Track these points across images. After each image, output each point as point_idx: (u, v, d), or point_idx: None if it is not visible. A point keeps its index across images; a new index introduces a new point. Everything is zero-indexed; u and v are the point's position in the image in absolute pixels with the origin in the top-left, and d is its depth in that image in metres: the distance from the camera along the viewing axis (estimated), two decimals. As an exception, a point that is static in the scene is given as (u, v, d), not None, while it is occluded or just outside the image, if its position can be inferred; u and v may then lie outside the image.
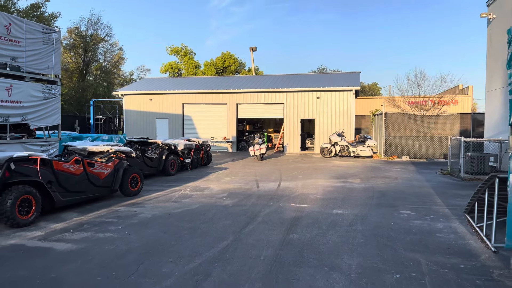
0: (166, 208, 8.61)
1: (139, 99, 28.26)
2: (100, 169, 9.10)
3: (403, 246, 5.86)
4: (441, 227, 7.03)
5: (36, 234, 6.63)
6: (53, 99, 10.10)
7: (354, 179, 13.13)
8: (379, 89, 67.86)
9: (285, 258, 5.35)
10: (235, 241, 6.15)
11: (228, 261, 5.24)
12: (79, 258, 5.40)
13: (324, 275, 4.74)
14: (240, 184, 11.98)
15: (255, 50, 39.35)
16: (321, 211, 8.24)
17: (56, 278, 4.71)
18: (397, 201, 9.43)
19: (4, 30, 8.67)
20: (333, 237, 6.33)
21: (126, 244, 6.03)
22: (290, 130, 25.40)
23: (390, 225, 7.11)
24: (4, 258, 5.45)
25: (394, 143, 21.56)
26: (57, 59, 10.22)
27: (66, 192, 8.14)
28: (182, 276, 4.72)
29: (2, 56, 8.67)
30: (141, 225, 7.18)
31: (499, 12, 15.25)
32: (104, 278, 4.69)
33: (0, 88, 8.64)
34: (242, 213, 8.11)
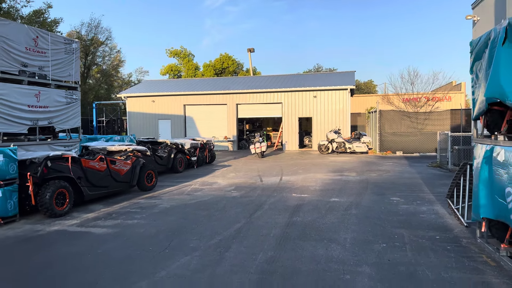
0: (181, 200, 9.62)
1: (142, 101, 29.19)
2: (121, 166, 10.09)
3: (390, 224, 6.90)
4: (424, 209, 8.07)
5: (73, 222, 7.63)
6: (74, 104, 11.09)
7: (350, 172, 14.15)
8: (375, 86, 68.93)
9: (291, 234, 6.37)
10: (247, 223, 7.17)
11: (243, 237, 6.26)
12: (116, 239, 6.41)
13: (324, 245, 5.77)
14: (244, 179, 12.98)
15: (252, 51, 40.34)
16: (320, 199, 9.26)
17: (103, 252, 5.72)
18: (388, 190, 10.47)
19: (32, 42, 9.65)
20: (331, 219, 7.36)
21: (153, 228, 7.04)
22: (288, 128, 26.42)
23: (380, 209, 8.15)
24: (55, 240, 6.45)
25: (388, 139, 22.62)
26: (76, 67, 11.21)
27: (92, 187, 9.14)
28: (207, 249, 5.74)
29: (32, 66, 9.65)
30: (162, 214, 8.18)
31: (482, 15, 16.31)
32: (143, 252, 5.70)
33: (30, 95, 9.62)
34: (250, 202, 9.13)
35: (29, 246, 6.15)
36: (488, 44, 4.95)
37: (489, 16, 15.53)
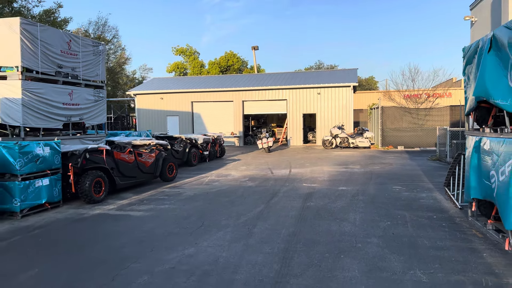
0: (202, 189, 10.56)
1: (151, 98, 30.10)
2: (146, 158, 11.04)
3: (394, 207, 7.84)
4: (424, 196, 9.02)
5: (110, 207, 8.58)
6: (101, 101, 12.02)
7: (354, 165, 15.09)
8: (376, 82, 69.63)
9: (307, 215, 7.31)
10: (267, 207, 8.11)
11: (265, 218, 7.20)
12: (154, 220, 7.35)
13: (337, 223, 6.71)
14: (256, 171, 13.92)
15: (257, 49, 41.19)
16: (329, 188, 10.20)
17: (147, 230, 6.66)
18: (391, 180, 11.40)
19: (66, 46, 10.57)
20: (340, 203, 8.30)
21: (184, 211, 7.98)
22: (293, 124, 27.33)
23: (384, 196, 9.09)
24: (101, 220, 7.41)
25: (389, 134, 23.54)
26: (103, 68, 12.12)
27: (123, 177, 10.09)
28: (236, 226, 6.68)
29: (66, 67, 10.57)
30: (188, 200, 9.13)
31: (479, 16, 17.18)
32: (181, 229, 6.64)
33: (64, 93, 10.55)
34: (265, 191, 10.07)
35: (82, 225, 7.10)
36: (477, 51, 5.86)
37: (486, 17, 16.39)
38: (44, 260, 5.28)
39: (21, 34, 9.23)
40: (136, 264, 4.98)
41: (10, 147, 7.66)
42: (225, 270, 4.72)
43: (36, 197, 8.03)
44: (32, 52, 9.51)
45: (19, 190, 7.65)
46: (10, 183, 7.64)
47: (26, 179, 7.84)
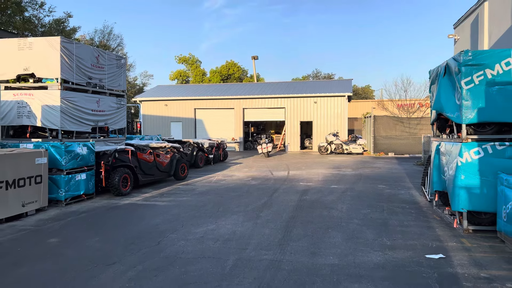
0: (212, 186, 12.12)
1: (155, 105, 31.69)
2: (163, 159, 12.60)
3: (375, 200, 9.44)
4: (402, 192, 10.62)
5: (137, 198, 10.12)
6: (122, 108, 13.58)
7: (346, 169, 16.69)
8: (372, 91, 71.49)
9: (303, 205, 8.89)
10: (269, 199, 9.68)
11: (269, 206, 8.77)
12: (177, 207, 8.90)
13: (327, 210, 8.29)
14: (257, 173, 15.49)
15: (256, 59, 42.96)
16: (323, 186, 11.79)
17: (174, 214, 8.21)
18: (377, 181, 13.00)
19: (95, 60, 12.15)
20: (331, 197, 9.89)
21: (200, 202, 9.54)
22: (291, 131, 28.96)
23: (369, 192, 10.68)
24: (132, 208, 8.95)
25: (381, 142, 25.20)
26: (124, 79, 13.70)
27: (144, 174, 11.64)
28: (246, 212, 8.24)
29: (94, 79, 12.14)
30: (202, 194, 10.69)
31: (461, 35, 18.94)
32: (202, 213, 8.19)
33: (93, 101, 12.12)
34: (267, 188, 11.64)
35: (118, 211, 8.65)
36: (437, 74, 7.49)
37: (467, 36, 18.17)
38: (99, 232, 6.83)
39: (61, 50, 10.81)
40: (173, 235, 6.54)
41: (58, 146, 9.23)
42: (241, 238, 6.28)
43: (76, 189, 9.58)
44: (68, 66, 11.08)
45: (64, 183, 9.21)
46: (56, 177, 9.19)
47: (69, 174, 9.39)
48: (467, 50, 6.30)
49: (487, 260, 5.14)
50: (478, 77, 6.21)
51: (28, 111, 10.98)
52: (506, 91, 6.09)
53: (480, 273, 4.66)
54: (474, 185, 6.27)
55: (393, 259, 5.20)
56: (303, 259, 5.23)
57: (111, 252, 5.65)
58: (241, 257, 5.35)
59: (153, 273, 4.80)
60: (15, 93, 11.04)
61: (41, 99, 10.91)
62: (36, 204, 8.43)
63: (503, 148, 6.14)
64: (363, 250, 5.61)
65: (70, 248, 5.96)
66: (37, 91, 10.96)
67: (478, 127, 6.57)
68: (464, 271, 4.74)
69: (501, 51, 6.18)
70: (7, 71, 11.19)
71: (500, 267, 4.86)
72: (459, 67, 6.36)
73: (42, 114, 10.87)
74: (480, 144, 6.28)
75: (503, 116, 6.15)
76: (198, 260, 5.23)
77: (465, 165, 6.32)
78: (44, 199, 8.66)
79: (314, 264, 5.02)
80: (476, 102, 6.25)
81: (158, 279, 4.59)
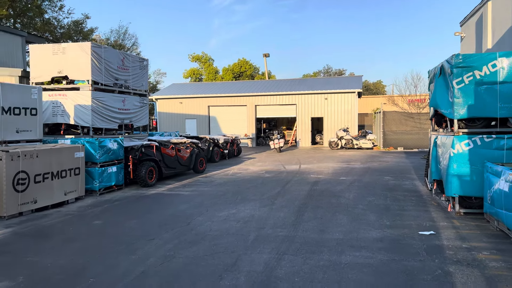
0: (229, 178, 13.08)
1: (171, 102, 32.77)
2: (183, 153, 13.60)
3: (380, 189, 10.29)
4: (406, 183, 11.45)
5: (162, 189, 11.13)
6: (144, 107, 14.62)
7: (355, 162, 17.51)
8: (384, 87, 71.67)
9: (313, 194, 9.79)
10: (282, 189, 10.60)
11: (282, 195, 9.70)
12: (200, 196, 9.87)
13: (335, 198, 9.18)
14: (271, 167, 16.41)
15: (268, 56, 43.80)
16: (332, 178, 12.66)
17: (198, 201, 9.18)
18: (384, 173, 13.82)
19: (121, 62, 13.19)
20: (339, 188, 10.77)
21: (220, 191, 10.50)
22: (302, 127, 29.78)
23: (375, 183, 11.53)
24: (159, 197, 9.96)
25: (390, 137, 25.90)
26: (146, 79, 14.73)
27: (167, 167, 12.66)
28: (262, 199, 9.18)
29: (120, 80, 13.18)
30: (220, 185, 11.65)
31: (467, 32, 19.53)
32: (223, 201, 9.15)
33: (119, 101, 13.16)
34: (280, 179, 12.56)
35: (148, 199, 9.67)
36: (435, 74, 8.30)
37: (472, 34, 18.77)
38: (135, 216, 7.84)
39: (91, 54, 11.85)
40: (199, 217, 7.51)
41: (92, 142, 10.27)
42: (260, 219, 7.22)
43: (108, 180, 10.63)
44: (98, 69, 12.12)
45: (98, 174, 10.26)
46: (91, 169, 10.24)
47: (102, 166, 10.44)
48: (458, 54, 7.11)
49: (471, 235, 5.99)
50: (468, 77, 7.02)
51: (62, 110, 12.07)
52: (492, 90, 6.89)
53: (463, 245, 5.52)
54: (464, 173, 7.10)
55: (390, 235, 6.08)
56: (313, 235, 6.14)
57: (149, 231, 6.64)
58: (260, 234, 6.29)
59: (188, 245, 5.76)
60: (50, 94, 12.12)
61: (74, 99, 11.97)
62: (75, 193, 9.49)
63: (490, 140, 6.95)
64: (365, 228, 6.50)
65: (113, 228, 6.97)
66: (70, 92, 12.03)
67: (469, 122, 7.38)
68: (449, 243, 5.61)
69: (488, 54, 6.97)
70: (42, 74, 12.29)
71: (480, 241, 5.71)
72: (451, 68, 7.18)
73: (75, 113, 11.94)
74: (470, 137, 7.10)
75: (489, 112, 6.96)
76: (224, 236, 6.19)
77: (456, 155, 7.15)
78: (81, 189, 9.72)
79: (322, 239, 5.94)
80: (466, 99, 7.06)
81: (193, 249, 5.56)
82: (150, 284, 4.37)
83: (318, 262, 4.92)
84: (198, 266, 4.88)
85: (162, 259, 5.16)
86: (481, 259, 4.95)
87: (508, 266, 4.69)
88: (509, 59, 6.84)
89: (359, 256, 5.12)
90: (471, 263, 4.80)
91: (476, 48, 17.81)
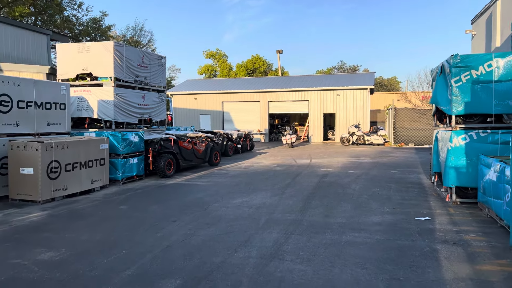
0: (242, 171, 13.76)
1: (185, 98, 33.60)
2: (199, 147, 14.33)
3: (386, 181, 10.85)
4: (412, 176, 11.97)
5: (179, 180, 11.87)
6: (163, 103, 15.39)
7: (365, 157, 18.03)
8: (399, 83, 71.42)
9: (321, 185, 10.41)
10: (292, 181, 11.24)
11: (292, 186, 10.34)
12: (215, 186, 10.58)
13: (342, 189, 9.79)
14: (282, 161, 17.04)
15: (281, 53, 44.30)
16: (341, 171, 13.25)
17: (213, 190, 9.88)
18: (391, 167, 14.34)
19: (141, 60, 13.95)
20: (347, 180, 11.36)
21: (234, 182, 11.19)
22: (314, 123, 30.30)
23: (382, 176, 12.08)
24: (178, 187, 10.70)
25: (402, 133, 26.26)
26: (164, 76, 15.49)
27: (184, 160, 13.40)
28: (273, 190, 9.84)
29: (140, 77, 13.96)
30: (234, 177, 12.34)
31: (478, 30, 19.81)
32: (236, 190, 9.83)
33: (139, 97, 13.94)
34: (291, 172, 13.19)
35: (167, 188, 10.42)
36: (437, 73, 8.82)
37: (482, 32, 19.06)
38: (157, 202, 8.58)
39: (114, 53, 12.63)
40: (215, 204, 8.21)
41: (115, 135, 11.05)
42: (270, 206, 7.89)
43: (130, 171, 11.41)
44: (120, 66, 12.90)
45: (121, 165, 11.04)
46: (115, 160, 11.03)
47: (125, 158, 11.22)
48: (456, 54, 7.63)
49: (462, 221, 6.55)
50: (465, 76, 7.54)
51: (86, 105, 12.89)
52: (488, 88, 7.40)
53: (453, 228, 6.10)
54: (461, 165, 7.64)
55: (389, 220, 6.69)
56: (318, 219, 6.79)
57: (171, 214, 7.37)
58: (270, 217, 6.96)
59: (206, 226, 6.46)
60: (75, 89, 12.95)
61: (97, 95, 12.78)
62: (100, 182, 10.28)
63: (486, 135, 7.47)
64: (366, 214, 7.12)
65: (138, 211, 7.72)
66: (93, 88, 12.85)
67: (466, 118, 7.90)
68: (441, 227, 6.19)
69: (484, 55, 7.48)
70: (68, 71, 13.13)
71: (470, 225, 6.28)
72: (450, 68, 7.71)
73: (98, 108, 12.75)
74: (466, 132, 7.63)
75: (485, 108, 7.48)
76: (238, 219, 6.87)
77: (454, 149, 7.69)
78: (106, 178, 10.52)
79: (326, 222, 6.58)
80: (463, 97, 7.59)
81: (211, 229, 6.25)
82: (175, 255, 5.08)
83: (321, 241, 5.56)
84: (215, 242, 5.57)
85: (183, 237, 5.87)
86: (467, 239, 5.53)
87: (489, 246, 5.26)
88: (504, 60, 7.34)
89: (358, 236, 5.75)
90: (457, 243, 5.38)
91: (485, 46, 18.11)
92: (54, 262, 4.91)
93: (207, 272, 4.48)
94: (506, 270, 4.41)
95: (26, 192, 8.53)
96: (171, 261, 4.86)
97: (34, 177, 8.44)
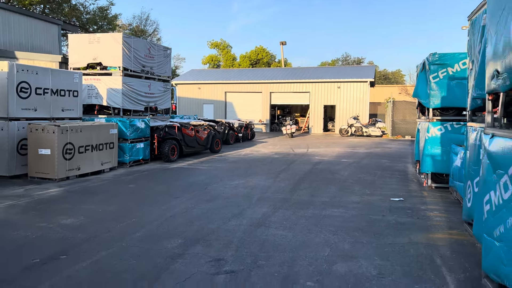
0: (242, 158, 14.63)
1: (189, 88, 34.39)
2: (201, 134, 15.19)
3: (374, 169, 11.69)
4: (399, 165, 12.80)
5: (183, 164, 12.76)
6: (167, 92, 16.23)
7: (360, 148, 18.84)
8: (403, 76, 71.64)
9: (313, 171, 11.26)
10: (287, 167, 12.09)
11: (286, 171, 11.20)
12: (215, 170, 11.45)
13: (332, 175, 10.64)
14: (281, 149, 17.89)
15: (284, 44, 44.85)
16: (334, 160, 14.09)
17: (213, 173, 10.75)
18: (383, 157, 15.16)
19: (147, 51, 14.76)
20: (338, 167, 12.20)
21: (233, 167, 12.06)
22: (314, 114, 31.06)
23: (371, 164, 12.91)
24: (180, 170, 11.59)
25: (399, 126, 27.01)
26: (169, 66, 16.31)
27: (187, 146, 14.27)
28: (268, 174, 10.70)
29: (147, 67, 14.78)
30: (233, 162, 13.21)
31: (473, 27, 20.38)
32: (234, 174, 10.70)
33: (145, 86, 14.77)
34: (287, 160, 14.04)
35: (171, 171, 11.30)
36: (420, 69, 9.59)
37: (477, 28, 19.63)
38: (162, 182, 9.47)
39: (123, 44, 13.44)
40: (215, 185, 9.09)
41: (124, 121, 11.92)
42: (263, 187, 8.76)
43: (137, 155, 12.30)
44: (128, 56, 13.72)
45: (128, 149, 11.93)
46: (123, 144, 11.91)
47: (132, 142, 12.09)
48: (435, 53, 8.40)
49: (432, 202, 7.40)
50: (442, 73, 8.32)
51: (96, 93, 13.76)
52: (462, 84, 8.17)
53: (421, 207, 6.95)
54: (436, 153, 8.46)
55: (366, 200, 7.54)
56: (304, 198, 7.66)
57: (174, 192, 8.25)
58: (262, 196, 7.84)
59: (205, 202, 7.35)
60: (85, 78, 13.77)
61: (106, 83, 13.63)
62: (109, 164, 11.17)
63: (459, 126, 8.28)
64: (347, 195, 7.98)
65: (145, 190, 8.61)
66: (103, 77, 13.69)
67: (443, 111, 8.70)
68: (411, 206, 7.05)
69: (459, 54, 8.25)
70: (80, 60, 13.97)
71: (437, 205, 7.14)
72: (429, 65, 8.48)
73: (107, 96, 13.61)
74: (442, 123, 8.44)
75: (459, 102, 8.26)
76: (234, 197, 7.75)
77: (430, 138, 8.51)
78: (115, 161, 11.41)
79: (311, 200, 7.44)
80: (440, 92, 8.38)
81: (209, 204, 7.14)
82: (177, 222, 5.96)
83: (304, 214, 6.44)
84: (212, 213, 6.45)
85: (185, 209, 6.75)
86: (430, 215, 6.39)
87: (447, 220, 6.12)
88: (477, 58, 8.10)
89: (336, 212, 6.62)
90: (421, 218, 6.24)
91: (479, 42, 18.71)
92: (76, 226, 5.80)
93: (205, 234, 5.37)
94: (453, 238, 5.26)
95: (43, 171, 9.43)
96: (174, 226, 5.75)
97: (51, 157, 9.34)
